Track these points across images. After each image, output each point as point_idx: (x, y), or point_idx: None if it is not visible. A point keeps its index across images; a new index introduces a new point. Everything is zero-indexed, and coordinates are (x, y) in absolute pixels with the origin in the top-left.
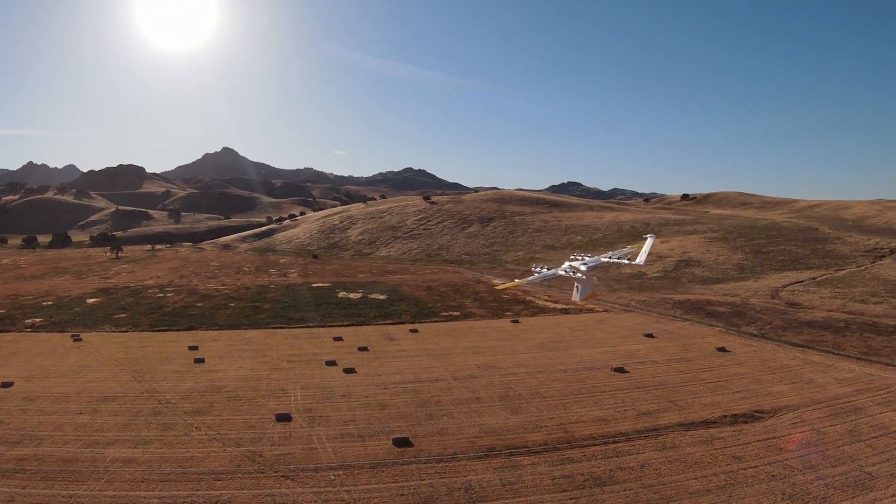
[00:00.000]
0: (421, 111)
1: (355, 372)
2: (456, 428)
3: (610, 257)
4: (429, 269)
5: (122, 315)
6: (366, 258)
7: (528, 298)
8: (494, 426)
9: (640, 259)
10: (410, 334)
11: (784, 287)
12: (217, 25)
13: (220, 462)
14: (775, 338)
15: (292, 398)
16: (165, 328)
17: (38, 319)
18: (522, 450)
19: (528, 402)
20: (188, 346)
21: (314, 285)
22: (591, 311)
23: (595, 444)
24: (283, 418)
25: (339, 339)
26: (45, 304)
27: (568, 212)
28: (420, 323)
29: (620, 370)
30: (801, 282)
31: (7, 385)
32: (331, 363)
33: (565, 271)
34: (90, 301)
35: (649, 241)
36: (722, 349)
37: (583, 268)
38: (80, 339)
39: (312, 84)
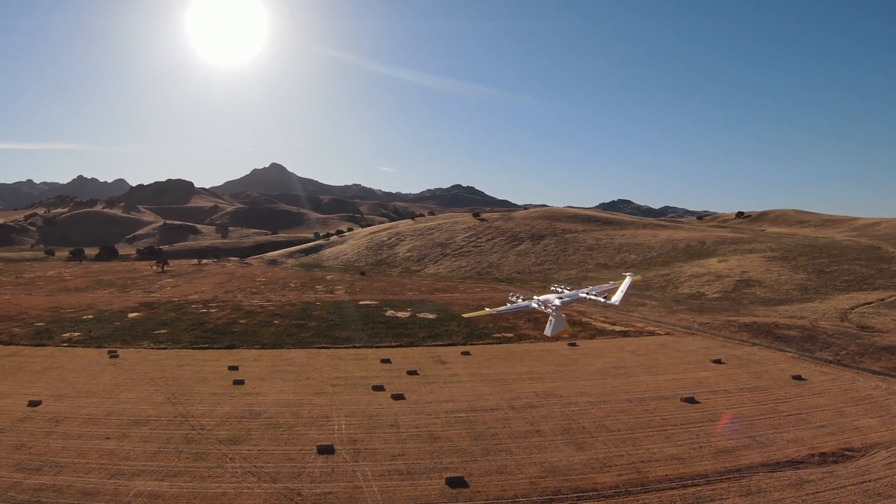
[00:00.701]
0: (469, 127)
1: (404, 398)
2: (515, 466)
3: (588, 293)
4: (479, 288)
5: (162, 331)
6: (414, 275)
7: (584, 319)
8: (558, 464)
9: (616, 298)
10: (462, 357)
11: (852, 309)
12: (265, 41)
13: (254, 501)
14: (853, 365)
15: (335, 427)
16: (206, 346)
17: (76, 334)
18: (591, 493)
19: (593, 436)
20: (228, 366)
21: (361, 303)
22: (651, 333)
23: (672, 488)
24: (326, 450)
25: (386, 361)
26: (85, 317)
27: (621, 230)
28: (472, 345)
29: (690, 400)
30: (870, 303)
31: (35, 404)
32: (378, 388)
33: (538, 304)
34: (131, 315)
35: (627, 280)
36: (798, 377)
37: (557, 302)
38: (117, 356)
39: (360, 100)
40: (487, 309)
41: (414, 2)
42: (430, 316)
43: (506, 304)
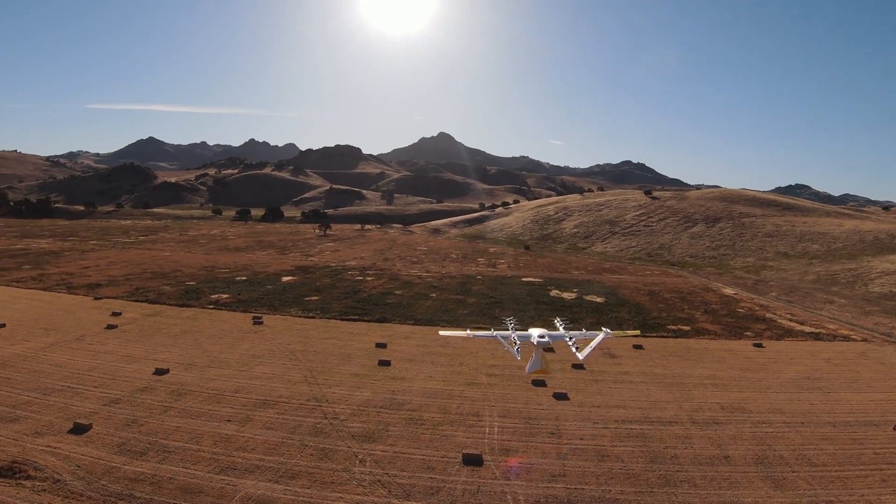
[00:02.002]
0: (642, 104)
1: (568, 399)
2: None
3: (570, 336)
4: (649, 271)
5: (313, 297)
6: (580, 253)
7: (767, 315)
8: None
9: (583, 355)
10: (634, 351)
11: None
12: (436, 10)
13: None
14: None
15: (486, 430)
16: (356, 317)
17: (224, 295)
18: None
19: (793, 469)
20: (375, 343)
21: (524, 279)
22: (846, 338)
23: None
24: (473, 460)
25: (549, 350)
26: (238, 278)
27: (802, 216)
28: (644, 337)
29: None
30: None
31: (161, 372)
32: (538, 383)
33: (515, 340)
34: (285, 279)
35: (600, 338)
36: None
37: (536, 341)
38: (261, 322)
39: (532, 73)
40: (469, 331)
41: None
42: (598, 299)
43: (489, 329)
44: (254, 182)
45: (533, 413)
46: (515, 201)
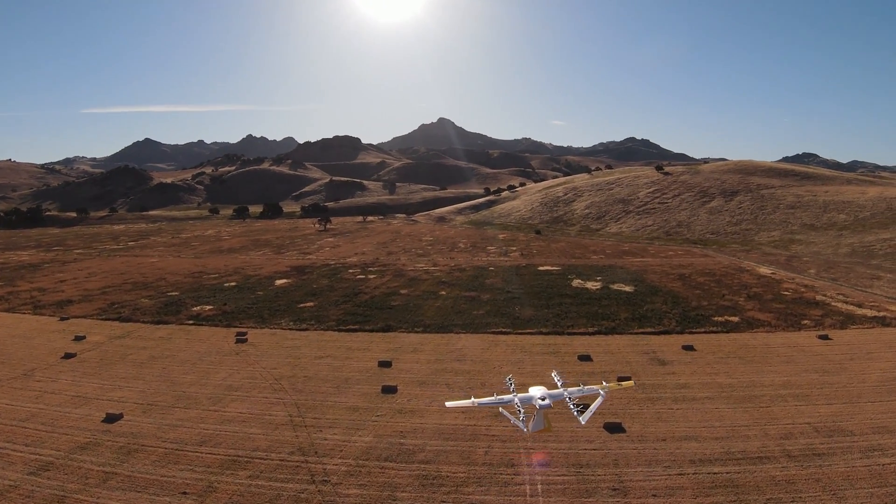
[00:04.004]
0: (641, 79)
1: (623, 430)
2: None
3: (570, 396)
4: (672, 251)
5: (308, 304)
6: (595, 235)
7: (818, 298)
8: None
9: (585, 418)
10: (685, 354)
11: None
12: None
13: None
14: None
15: (527, 489)
16: (356, 326)
17: (207, 307)
18: None
19: None
20: (378, 362)
21: (541, 268)
22: None
23: None
24: None
25: (585, 358)
26: (227, 284)
27: (823, 185)
28: (691, 333)
29: None
30: None
31: (113, 419)
32: (583, 408)
33: (517, 404)
34: (278, 283)
35: (599, 401)
36: None
37: (539, 404)
38: (245, 340)
39: (529, 54)
40: (473, 399)
41: None
42: (627, 288)
43: (493, 396)
44: (252, 178)
45: (583, 457)
46: (522, 184)
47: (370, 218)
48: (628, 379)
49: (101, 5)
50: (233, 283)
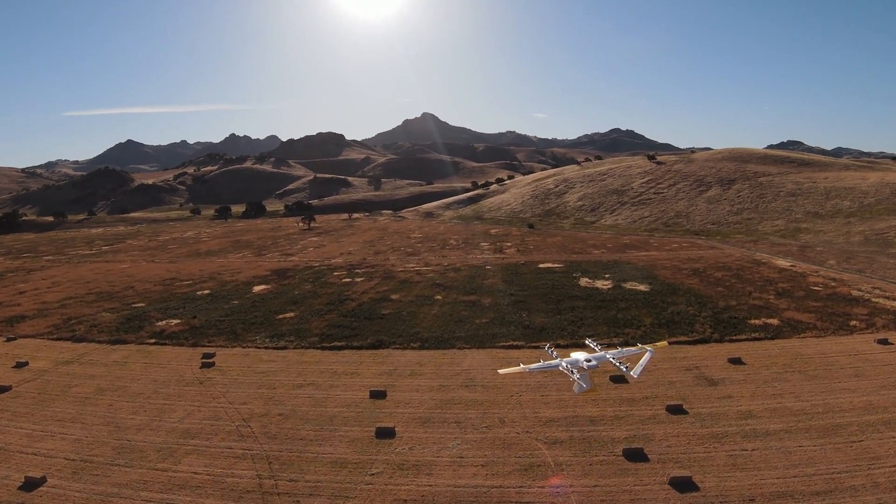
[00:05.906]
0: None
1: (696, 488)
2: None
3: (614, 357)
4: (675, 243)
5: (288, 314)
6: (591, 227)
7: (854, 294)
8: None
9: (636, 371)
10: (733, 369)
11: None
12: None
13: None
14: None
15: None
16: (342, 343)
17: (174, 321)
18: None
19: None
20: (370, 392)
21: (542, 266)
22: None
23: None
24: None
25: (619, 379)
26: (200, 293)
27: (822, 171)
28: (732, 342)
29: None
30: None
31: (32, 486)
32: (635, 456)
33: (565, 367)
34: (256, 289)
35: (647, 356)
36: None
37: (585, 365)
38: (212, 364)
39: (510, 48)
40: (522, 365)
41: None
42: (641, 287)
43: (539, 361)
44: (235, 177)
45: None
46: (510, 177)
47: (356, 215)
48: (661, 340)
49: (79, 8)
50: (206, 292)
